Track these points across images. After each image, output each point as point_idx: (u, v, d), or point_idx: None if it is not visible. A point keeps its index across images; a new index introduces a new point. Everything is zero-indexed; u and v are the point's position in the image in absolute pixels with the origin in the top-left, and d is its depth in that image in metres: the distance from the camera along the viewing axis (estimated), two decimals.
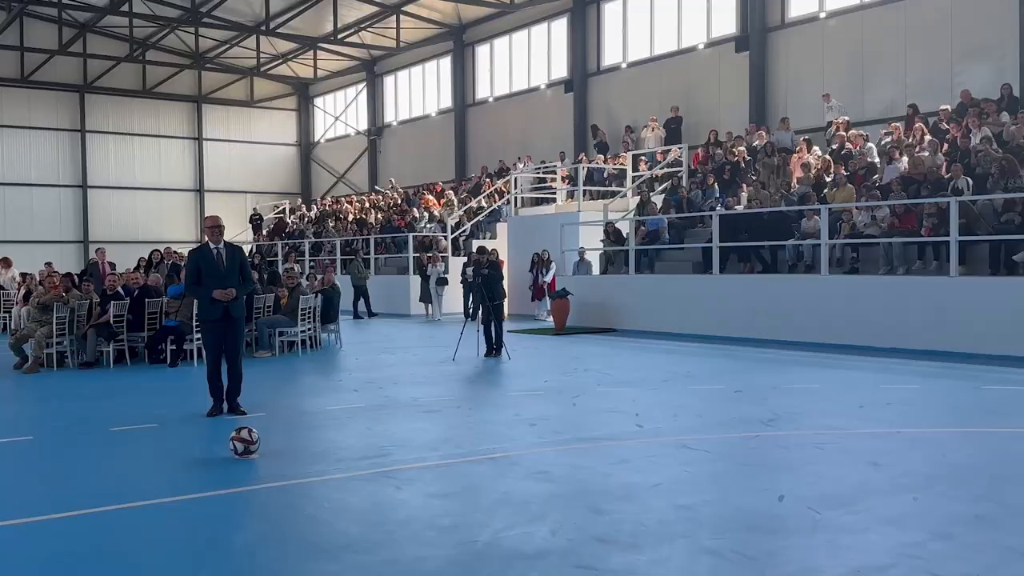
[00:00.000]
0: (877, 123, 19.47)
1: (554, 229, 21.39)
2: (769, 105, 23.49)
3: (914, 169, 15.89)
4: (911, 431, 7.98)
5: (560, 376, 12.03)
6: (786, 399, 9.73)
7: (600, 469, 6.72)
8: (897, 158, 16.62)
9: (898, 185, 15.38)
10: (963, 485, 6.19)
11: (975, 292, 13.08)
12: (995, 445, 7.44)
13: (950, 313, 13.13)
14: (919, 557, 4.68)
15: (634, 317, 18.18)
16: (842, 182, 16.52)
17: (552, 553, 4.81)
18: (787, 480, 6.37)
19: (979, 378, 10.99)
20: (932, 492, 5.99)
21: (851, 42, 21.57)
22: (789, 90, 23.01)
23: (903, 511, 5.53)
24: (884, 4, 21.01)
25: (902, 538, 4.99)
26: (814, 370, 12.09)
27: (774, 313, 15.48)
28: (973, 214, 13.80)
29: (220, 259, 8.93)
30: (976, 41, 19.22)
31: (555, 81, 30.23)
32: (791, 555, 4.80)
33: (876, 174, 16.71)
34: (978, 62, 19.06)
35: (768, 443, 7.62)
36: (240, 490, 6.15)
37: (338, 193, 40.81)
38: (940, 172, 15.45)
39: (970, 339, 12.78)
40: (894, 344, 13.59)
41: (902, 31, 20.53)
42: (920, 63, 20.19)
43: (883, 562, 4.62)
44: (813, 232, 15.73)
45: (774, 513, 5.52)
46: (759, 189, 18.05)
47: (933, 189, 14.85)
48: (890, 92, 20.47)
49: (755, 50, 23.45)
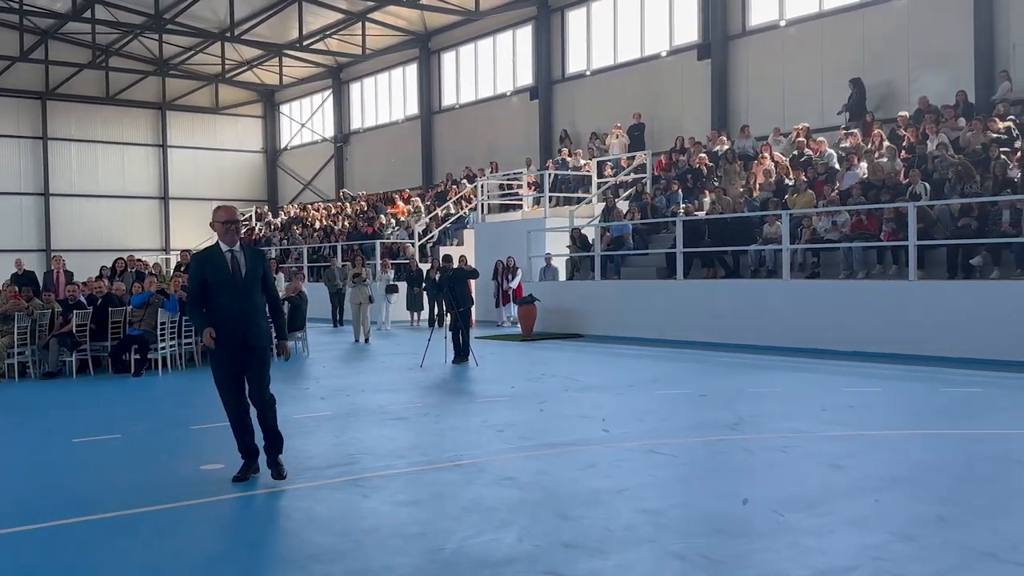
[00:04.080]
0: (836, 129, 19.68)
1: (521, 235, 21.39)
2: (731, 112, 23.68)
3: (873, 175, 16.09)
4: (872, 433, 8.06)
5: (527, 382, 12.01)
6: (750, 403, 9.79)
7: (567, 475, 6.70)
8: (856, 164, 16.83)
9: (858, 190, 15.57)
10: (924, 486, 6.25)
11: (933, 295, 13.24)
12: (954, 446, 7.53)
13: (909, 316, 13.28)
14: (882, 558, 4.71)
15: (600, 322, 18.22)
16: (802, 188, 16.69)
17: (520, 560, 4.79)
18: (751, 483, 6.40)
19: (938, 380, 11.13)
20: (894, 494, 6.04)
21: (810, 50, 21.81)
22: (750, 97, 23.21)
23: (865, 513, 5.56)
24: (842, 12, 21.27)
25: (865, 540, 5.02)
26: (777, 374, 12.18)
27: (737, 317, 15.59)
28: (931, 219, 13.99)
29: (237, 265, 6.54)
30: (933, 49, 19.52)
31: (521, 88, 30.27)
32: (756, 558, 4.81)
33: (836, 180, 16.89)
34: (935, 70, 19.34)
35: (733, 447, 7.65)
36: (205, 501, 6.06)
37: (305, 200, 40.57)
38: (898, 177, 15.67)
39: (929, 342, 12.93)
40: (855, 347, 13.73)
41: (860, 39, 20.79)
42: (878, 70, 20.45)
43: (847, 564, 4.64)
44: (775, 237, 15.87)
45: (739, 516, 5.53)
46: (721, 195, 18.18)
47: (892, 194, 15.04)
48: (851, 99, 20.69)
49: (717, 58, 23.64)
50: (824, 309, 14.39)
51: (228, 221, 6.53)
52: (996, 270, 13.15)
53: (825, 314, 14.33)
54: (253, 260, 6.62)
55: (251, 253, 6.69)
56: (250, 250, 6.73)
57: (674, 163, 21.89)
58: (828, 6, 21.63)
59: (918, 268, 13.51)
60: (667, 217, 18.89)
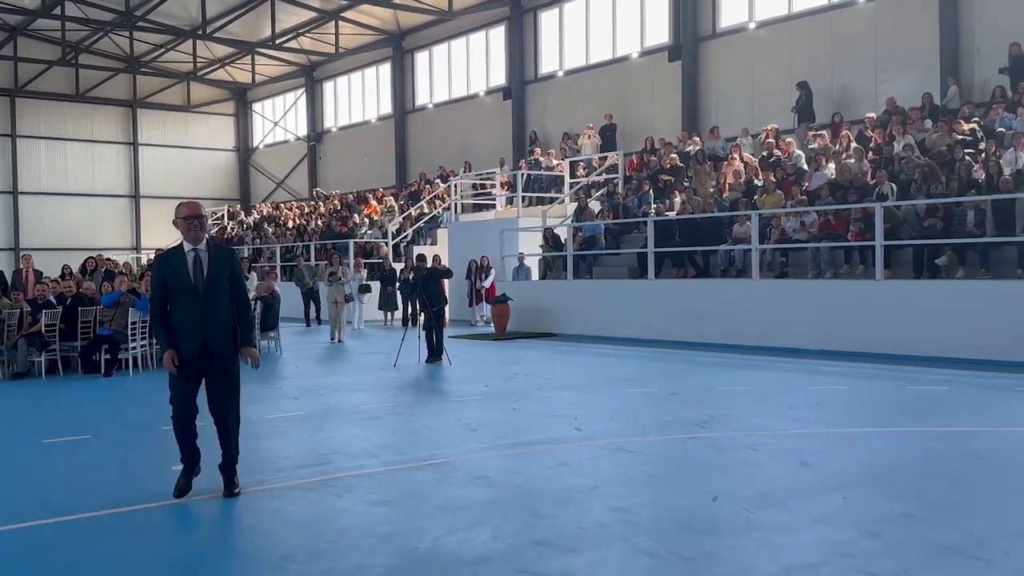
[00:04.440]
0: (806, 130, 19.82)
1: (494, 235, 21.40)
2: (701, 113, 23.82)
3: (841, 175, 16.26)
4: (840, 431, 8.14)
5: (501, 381, 12.02)
6: (720, 401, 9.86)
7: (539, 473, 6.72)
8: (824, 164, 16.99)
9: (825, 191, 15.71)
10: (890, 483, 6.32)
11: (899, 295, 13.39)
12: (920, 444, 7.61)
13: (876, 315, 13.42)
14: (849, 555, 4.76)
15: (573, 321, 18.26)
16: (771, 188, 16.82)
17: (493, 558, 4.80)
18: (721, 481, 6.44)
19: (904, 378, 11.26)
20: (861, 491, 6.11)
21: (780, 52, 21.98)
22: (720, 98, 23.36)
23: (833, 510, 5.62)
24: (811, 15, 21.46)
25: (833, 536, 5.07)
26: (747, 372, 12.27)
27: (708, 317, 15.68)
28: (897, 219, 14.16)
29: (199, 266, 5.97)
30: (899, 51, 19.74)
31: (494, 88, 30.26)
32: (726, 555, 4.84)
33: (804, 180, 17.05)
34: (901, 72, 19.56)
35: (702, 445, 7.70)
36: (177, 502, 6.01)
37: (277, 199, 40.32)
38: (866, 178, 15.84)
39: (895, 340, 13.08)
40: (823, 346, 13.85)
41: (829, 41, 20.98)
42: (846, 72, 20.66)
43: (815, 560, 4.69)
44: (744, 237, 15.99)
45: (709, 514, 5.57)
46: (692, 195, 18.29)
47: (859, 195, 15.20)
48: (817, 100, 20.89)
49: (687, 59, 23.77)
50: (792, 308, 14.51)
51: (191, 216, 5.94)
52: (961, 270, 13.33)
53: (793, 313, 14.45)
54: (218, 261, 6.01)
55: (217, 253, 6.07)
56: (216, 249, 6.10)
57: (645, 163, 21.98)
58: (796, 8, 21.82)
59: (885, 268, 13.66)
60: (638, 217, 18.97)
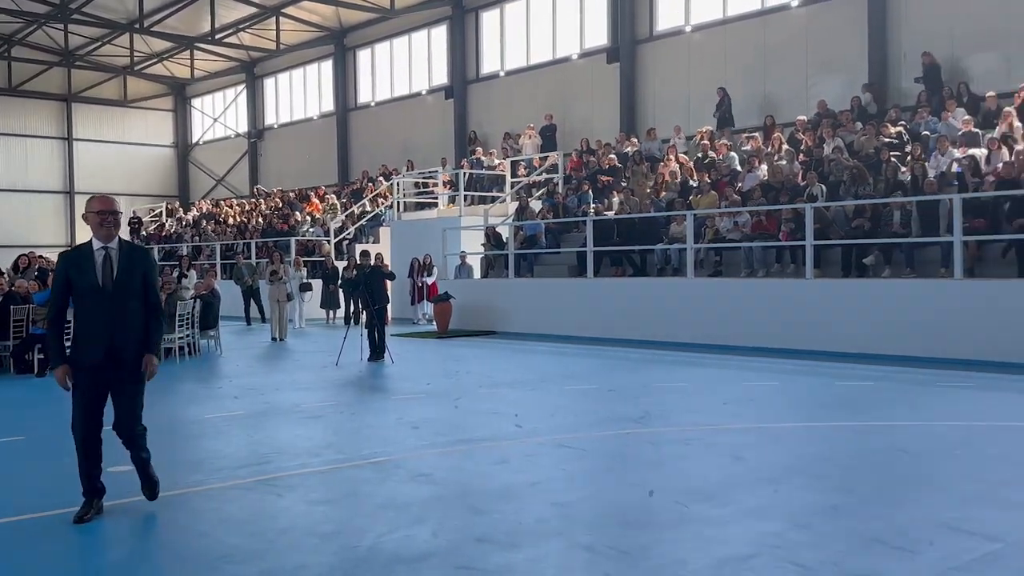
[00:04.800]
0: (739, 132, 20.20)
1: (436, 233, 21.36)
2: (639, 114, 24.09)
3: (773, 177, 16.57)
4: (771, 426, 8.33)
5: (443, 379, 12.02)
6: (656, 397, 10.00)
7: (481, 470, 6.76)
8: (757, 166, 17.31)
9: (758, 192, 16.01)
10: (819, 477, 6.47)
11: (828, 293, 13.70)
12: (847, 438, 7.82)
13: (806, 313, 13.70)
14: (779, 546, 4.86)
15: (514, 319, 18.33)
16: (706, 189, 17.08)
17: (433, 555, 4.81)
18: (657, 475, 6.53)
19: (833, 374, 11.53)
20: (791, 484, 6.24)
21: (715, 55, 22.31)
22: (657, 100, 23.64)
23: (764, 503, 5.74)
24: (745, 19, 21.83)
25: (763, 528, 5.18)
26: (682, 369, 12.46)
27: (645, 314, 15.86)
28: (827, 219, 14.48)
29: (108, 266, 5.49)
30: (830, 55, 20.18)
31: (436, 87, 30.20)
32: (661, 548, 4.92)
33: (738, 181, 17.35)
34: (832, 75, 20.00)
35: (639, 440, 7.81)
36: (113, 503, 5.90)
37: (217, 196, 39.66)
38: (796, 179, 16.17)
39: (825, 337, 13.36)
40: (756, 343, 14.12)
41: (762, 45, 21.37)
42: (779, 75, 21.06)
43: (746, 552, 4.78)
44: (680, 237, 16.21)
45: (645, 508, 5.66)
46: (629, 196, 18.48)
47: (790, 196, 15.52)
48: (750, 103, 21.28)
49: (625, 61, 24.01)
50: (726, 306, 14.75)
51: (104, 212, 5.46)
52: (887, 269, 13.69)
53: (727, 311, 14.70)
54: (130, 261, 5.54)
55: (130, 253, 5.60)
56: (130, 248, 5.64)
57: (585, 164, 22.15)
58: (731, 12, 22.17)
59: (814, 267, 13.96)
60: (578, 217, 19.12)
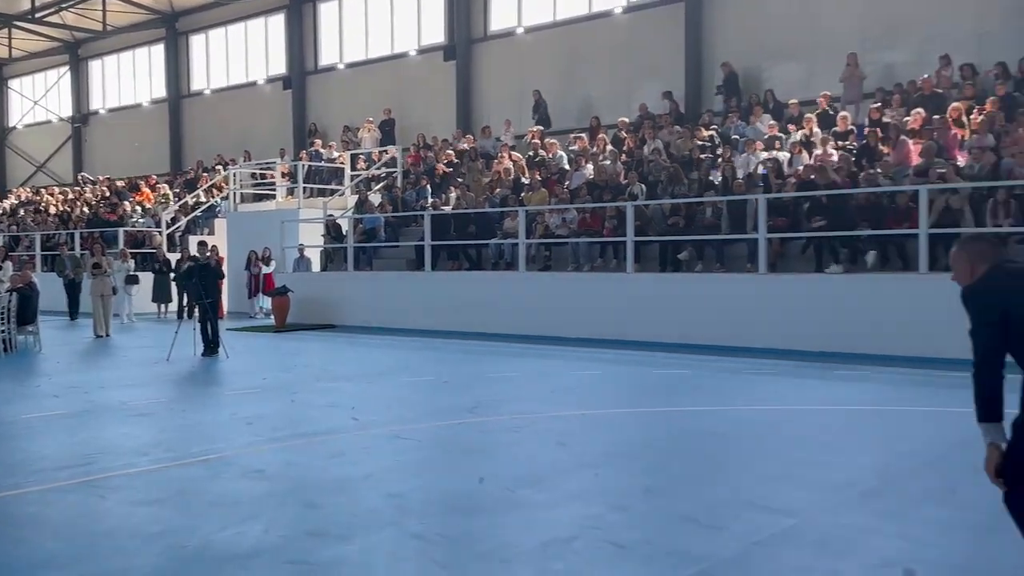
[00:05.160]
0: (568, 132, 20.69)
1: (274, 226, 20.76)
2: (474, 111, 24.28)
3: (598, 176, 17.10)
4: (593, 412, 8.62)
5: (279, 373, 11.75)
6: (488, 388, 10.15)
7: (315, 464, 6.66)
8: (583, 165, 17.82)
9: (584, 190, 16.48)
10: (636, 460, 6.76)
11: (647, 286, 14.24)
12: (663, 423, 8.20)
13: (627, 305, 14.17)
14: (598, 528, 5.04)
15: (353, 313, 18.09)
16: (537, 186, 17.43)
17: (264, 551, 4.71)
18: (487, 463, 6.64)
19: (651, 363, 11.99)
20: (610, 467, 6.49)
21: (546, 57, 22.75)
22: (492, 98, 23.90)
23: (586, 486, 5.94)
24: (573, 24, 22.40)
25: (585, 511, 5.35)
26: (514, 360, 12.67)
27: (480, 307, 16.01)
28: (646, 217, 15.08)
29: None
30: (651, 61, 20.98)
31: (274, 77, 29.34)
32: (489, 533, 5.01)
33: (566, 179, 17.79)
34: (652, 80, 20.80)
35: (471, 429, 7.91)
36: None
37: (38, 183, 37.01)
38: (619, 179, 16.75)
39: (644, 328, 13.86)
40: (582, 334, 14.43)
41: (589, 49, 21.95)
42: (604, 78, 21.71)
43: (568, 534, 4.92)
44: (512, 232, 16.48)
45: (475, 495, 5.74)
46: (465, 192, 18.62)
47: (613, 194, 16.06)
48: (579, 104, 21.85)
49: (461, 59, 24.14)
50: (555, 299, 15.09)
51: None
52: (700, 264, 14.39)
53: (556, 304, 15.02)
54: None
55: None
56: None
57: (423, 159, 22.12)
58: (560, 16, 22.68)
59: (635, 262, 14.49)
60: (416, 211, 19.07)
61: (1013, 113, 13.73)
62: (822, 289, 12.48)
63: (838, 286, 12.32)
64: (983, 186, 12.09)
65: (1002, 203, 11.81)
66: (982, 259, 3.71)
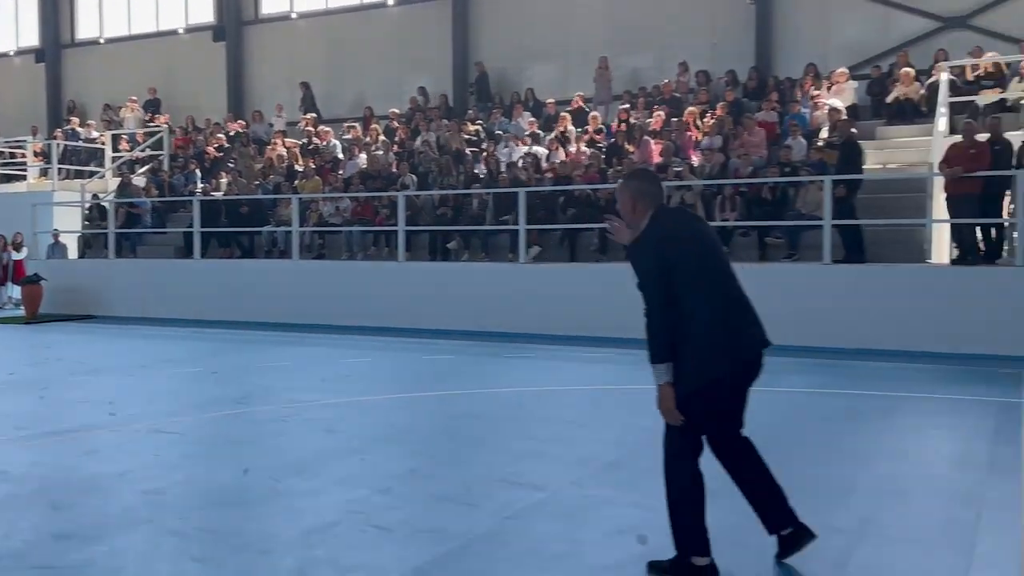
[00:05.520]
0: (342, 121, 20.41)
1: (25, 209, 18.89)
2: (246, 95, 23.37)
3: (371, 165, 17.03)
4: (363, 399, 8.62)
5: (29, 367, 10.83)
6: (258, 377, 9.90)
7: (65, 463, 6.22)
8: (357, 154, 17.67)
9: (357, 179, 16.36)
10: (402, 443, 6.85)
11: (418, 275, 14.33)
12: (429, 407, 8.35)
13: (399, 293, 14.17)
14: (361, 511, 5.07)
15: (115, 302, 16.86)
16: (311, 174, 17.09)
17: (5, 557, 4.37)
18: (254, 454, 6.50)
19: (421, 350, 12.07)
20: (376, 452, 6.54)
21: (320, 44, 22.29)
22: (265, 83, 23.10)
23: (352, 472, 5.95)
24: (345, 12, 22.12)
25: (349, 496, 5.36)
26: (286, 348, 12.38)
27: (252, 296, 15.46)
28: (416, 207, 15.21)
29: None
30: (422, 55, 21.11)
31: (24, 49, 26.73)
32: (252, 525, 4.93)
33: (340, 168, 17.58)
34: (423, 74, 20.93)
35: (239, 420, 7.70)
36: None
37: None
38: (391, 169, 16.77)
39: (416, 315, 13.89)
40: (355, 322, 14.25)
41: (364, 39, 21.74)
42: (378, 69, 21.58)
43: (331, 520, 4.92)
44: (286, 220, 16.07)
45: (239, 487, 5.61)
46: (237, 177, 17.91)
47: (385, 184, 16.06)
48: (353, 93, 21.60)
49: (231, 41, 23.14)
50: (329, 287, 14.86)
51: None
52: (467, 253, 14.70)
53: (330, 292, 14.80)
54: None
55: None
56: None
57: (192, 142, 21.02)
58: (333, 4, 22.28)
59: (406, 251, 14.57)
60: (185, 196, 18.10)
61: (740, 118, 15.06)
62: (576, 278, 13.07)
63: (592, 275, 12.91)
64: (713, 184, 13.22)
65: (729, 199, 12.98)
66: (643, 198, 4.05)
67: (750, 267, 12.16)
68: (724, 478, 4.16)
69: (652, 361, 3.92)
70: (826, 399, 8.41)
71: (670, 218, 4.10)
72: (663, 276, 3.87)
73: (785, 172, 12.84)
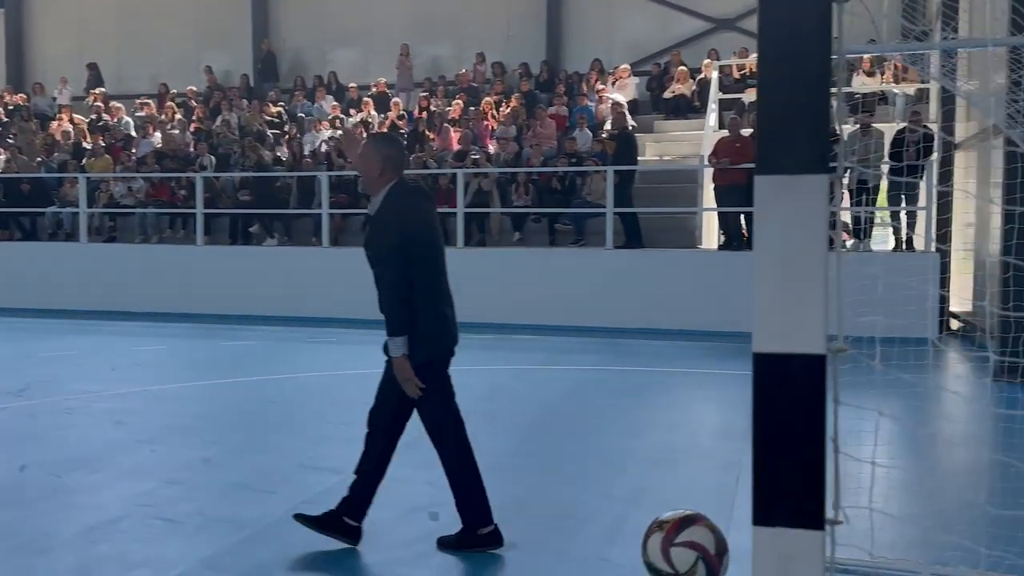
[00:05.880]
0: (135, 97, 19.09)
1: None
2: (27, 67, 21.39)
3: (166, 144, 16.13)
4: (156, 388, 8.24)
5: None
6: (41, 368, 9.19)
7: None
8: (151, 133, 16.66)
9: (152, 159, 15.45)
10: (196, 433, 6.62)
11: (218, 259, 13.71)
12: (225, 394, 8.09)
13: (198, 278, 13.49)
14: (150, 504, 4.90)
15: None
16: (100, 152, 15.93)
17: None
18: (32, 449, 6.08)
19: (220, 336, 11.54)
20: (169, 443, 6.30)
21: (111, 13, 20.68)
22: (49, 53, 21.21)
23: (141, 464, 5.71)
24: None
25: (137, 489, 5.15)
26: (73, 337, 11.53)
27: (34, 281, 14.17)
28: (216, 189, 14.57)
29: None
30: (220, 32, 20.08)
31: None
32: (27, 523, 4.64)
33: (133, 147, 16.51)
34: (221, 50, 19.94)
35: (17, 414, 7.15)
36: None
37: None
38: (188, 149, 15.95)
39: (214, 301, 13.20)
40: (151, 308, 13.42)
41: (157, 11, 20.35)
42: (173, 44, 20.31)
43: (116, 514, 4.73)
44: (73, 200, 14.91)
45: (14, 484, 5.26)
46: (17, 154, 16.40)
47: (182, 164, 15.26)
48: (147, 69, 20.26)
49: (11, 7, 21.06)
50: (121, 272, 13.91)
51: None
52: (269, 237, 14.25)
53: (122, 277, 13.85)
54: None
55: None
56: None
57: None
58: None
59: (205, 234, 13.94)
60: None
61: (533, 108, 15.50)
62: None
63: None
64: (507, 172, 13.56)
65: (522, 185, 13.38)
66: (388, 165, 4.14)
67: (542, 252, 12.71)
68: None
69: (391, 333, 4.03)
70: (607, 375, 8.92)
71: (413, 197, 4.24)
72: (405, 252, 3.99)
73: (572, 162, 13.36)
